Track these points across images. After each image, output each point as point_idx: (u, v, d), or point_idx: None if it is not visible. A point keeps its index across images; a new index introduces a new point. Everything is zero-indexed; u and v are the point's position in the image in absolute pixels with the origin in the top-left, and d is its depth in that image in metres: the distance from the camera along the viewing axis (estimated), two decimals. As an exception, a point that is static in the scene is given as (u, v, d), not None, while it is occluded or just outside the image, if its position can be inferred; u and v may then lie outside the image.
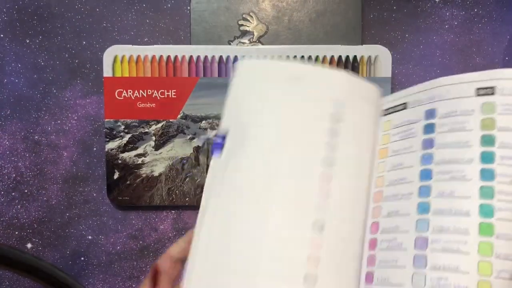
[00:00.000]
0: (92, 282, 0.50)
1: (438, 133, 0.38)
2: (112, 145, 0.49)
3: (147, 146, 0.49)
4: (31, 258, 0.29)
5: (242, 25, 0.51)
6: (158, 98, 0.49)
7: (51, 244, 0.50)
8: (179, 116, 0.49)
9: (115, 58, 0.49)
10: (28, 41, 0.51)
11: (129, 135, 0.49)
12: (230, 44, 0.51)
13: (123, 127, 0.49)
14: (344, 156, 0.37)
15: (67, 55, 0.51)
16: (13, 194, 0.50)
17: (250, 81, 0.37)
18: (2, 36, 0.51)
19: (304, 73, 0.36)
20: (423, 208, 0.37)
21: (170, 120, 0.49)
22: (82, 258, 0.51)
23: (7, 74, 0.50)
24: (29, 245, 0.50)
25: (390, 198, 0.39)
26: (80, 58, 0.51)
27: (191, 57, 0.49)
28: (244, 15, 0.51)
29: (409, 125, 0.39)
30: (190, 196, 0.50)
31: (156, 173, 0.49)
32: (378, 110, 0.41)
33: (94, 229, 0.50)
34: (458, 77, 0.38)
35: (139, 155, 0.49)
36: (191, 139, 0.50)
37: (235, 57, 0.49)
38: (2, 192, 0.50)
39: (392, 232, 0.38)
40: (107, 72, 0.49)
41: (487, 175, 0.35)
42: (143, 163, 0.49)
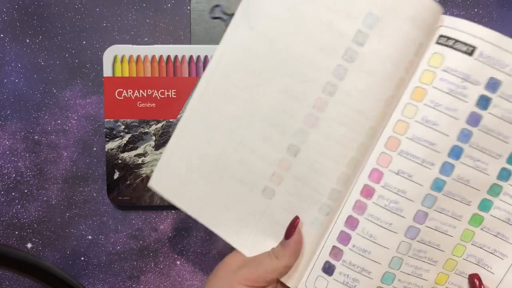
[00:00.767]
0: (92, 282, 0.50)
1: (489, 113, 0.34)
2: (112, 145, 0.49)
3: (147, 146, 0.49)
4: (31, 258, 0.29)
5: (242, 25, 0.51)
6: (158, 98, 0.49)
7: (51, 244, 0.50)
8: (179, 116, 0.49)
9: (115, 58, 0.49)
10: (28, 41, 0.51)
11: (129, 135, 0.49)
12: (230, 44, 0.51)
13: (123, 127, 0.49)
14: (351, 87, 0.34)
15: (67, 55, 0.51)
16: (13, 194, 0.50)
17: None
18: (2, 36, 0.51)
19: None
20: (437, 186, 0.35)
21: (170, 120, 0.49)
22: (82, 258, 0.51)
23: (7, 74, 0.50)
24: (29, 245, 0.50)
25: (408, 156, 0.35)
26: (80, 58, 0.51)
27: (191, 57, 0.49)
28: (244, 15, 0.51)
29: (465, 82, 0.33)
30: (190, 196, 0.50)
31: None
32: (430, 33, 0.35)
33: (94, 229, 0.50)
34: None
35: (139, 155, 0.49)
36: (191, 139, 0.50)
37: (235, 57, 0.49)
38: (2, 192, 0.50)
39: (396, 194, 0.35)
40: (107, 72, 0.49)
41: (504, 175, 0.35)
42: (143, 163, 0.49)
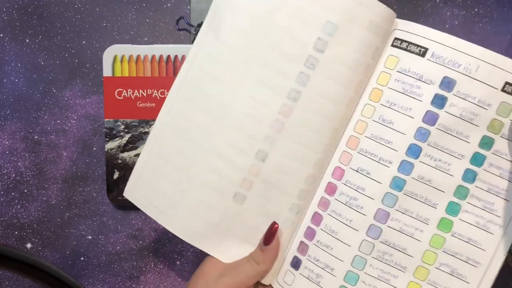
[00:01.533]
0: (92, 282, 0.50)
1: (445, 112, 0.35)
2: (112, 145, 0.49)
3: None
4: (32, 258, 0.29)
5: (242, 25, 0.51)
6: (158, 98, 0.49)
7: (51, 244, 0.50)
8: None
9: (115, 58, 0.49)
10: (28, 41, 0.51)
11: (129, 135, 0.49)
12: (230, 44, 0.51)
13: (123, 127, 0.49)
14: (313, 92, 0.36)
15: (67, 55, 0.51)
16: (13, 194, 0.50)
17: None
18: (2, 36, 0.50)
19: None
20: (397, 184, 0.36)
21: (170, 120, 0.49)
22: (82, 258, 0.50)
23: (7, 74, 0.50)
24: (29, 245, 0.50)
25: (367, 154, 0.36)
26: (80, 58, 0.51)
27: (191, 57, 0.49)
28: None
29: (419, 82, 0.35)
30: (190, 196, 0.50)
31: (156, 173, 0.49)
32: (386, 37, 0.36)
33: (94, 229, 0.50)
34: (498, 59, 0.34)
35: (139, 155, 0.49)
36: (191, 139, 0.50)
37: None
38: (2, 192, 0.50)
39: (356, 190, 0.36)
40: (107, 72, 0.49)
41: (469, 177, 0.35)
42: (143, 163, 0.49)
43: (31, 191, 0.50)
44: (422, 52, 0.35)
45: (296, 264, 0.38)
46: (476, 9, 0.51)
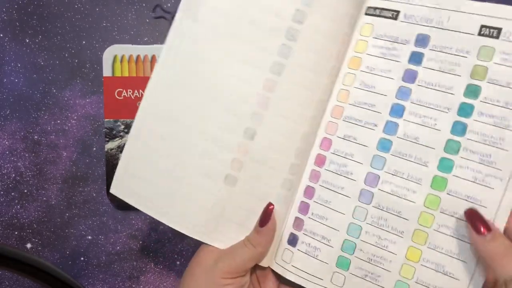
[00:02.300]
0: (92, 282, 0.50)
1: (424, 68, 0.35)
2: (112, 145, 0.49)
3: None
4: (32, 258, 0.29)
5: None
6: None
7: (51, 244, 0.50)
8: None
9: (115, 58, 0.49)
10: (28, 41, 0.51)
11: (129, 135, 0.49)
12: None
13: (123, 127, 0.49)
14: (296, 64, 0.36)
15: (67, 55, 0.51)
16: (13, 194, 0.50)
17: None
18: (2, 36, 0.50)
19: None
20: (384, 146, 0.35)
21: (170, 120, 0.49)
22: (82, 258, 0.50)
23: (7, 74, 0.50)
24: (29, 245, 0.50)
25: (351, 120, 0.37)
26: (80, 58, 0.51)
27: (191, 57, 0.49)
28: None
29: (394, 44, 0.36)
30: (190, 196, 0.50)
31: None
32: (359, 6, 0.38)
33: (94, 229, 0.50)
34: (467, 5, 0.33)
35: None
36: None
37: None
38: (2, 192, 0.50)
39: (345, 157, 0.36)
40: (107, 72, 0.49)
41: (459, 130, 0.33)
42: (143, 163, 0.49)
43: (31, 191, 0.50)
44: (395, 15, 0.36)
45: (293, 241, 0.37)
46: (476, 9, 0.51)
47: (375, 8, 0.37)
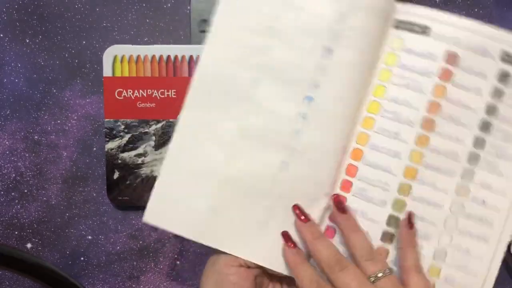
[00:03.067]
0: (92, 282, 0.50)
1: (451, 85, 0.37)
2: (112, 145, 0.49)
3: (147, 146, 0.49)
4: (32, 258, 0.29)
5: (242, 25, 0.51)
6: (158, 98, 0.49)
7: (51, 244, 0.50)
8: (179, 117, 0.49)
9: (115, 58, 0.49)
10: (28, 41, 0.51)
11: (129, 135, 0.49)
12: (230, 44, 0.51)
13: (123, 127, 0.49)
14: (332, 79, 0.37)
15: (67, 55, 0.51)
16: (13, 194, 0.50)
17: None
18: (2, 36, 0.51)
19: None
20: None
21: (170, 120, 0.49)
22: (82, 258, 0.50)
23: (7, 74, 0.50)
24: (29, 245, 0.50)
25: (381, 131, 0.38)
26: (80, 58, 0.51)
27: (191, 57, 0.49)
28: (244, 15, 0.51)
29: (426, 59, 0.37)
30: (190, 196, 0.50)
31: (156, 173, 0.49)
32: (387, 20, 0.38)
33: (94, 229, 0.50)
34: (491, 31, 0.37)
35: (139, 155, 0.49)
36: (191, 139, 0.50)
37: (235, 57, 0.49)
38: (2, 192, 0.50)
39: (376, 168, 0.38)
40: (107, 72, 0.49)
41: (479, 144, 0.37)
42: (143, 163, 0.49)
43: (31, 191, 0.50)
44: (425, 31, 0.38)
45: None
46: (476, 9, 0.51)
47: (406, 22, 0.38)
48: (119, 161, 0.49)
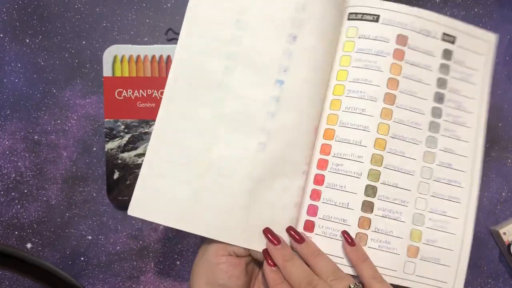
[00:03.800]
0: (92, 282, 0.50)
1: (405, 62, 0.41)
2: (112, 145, 0.49)
3: (147, 146, 0.49)
4: (32, 258, 0.29)
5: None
6: (158, 98, 0.49)
7: (51, 244, 0.50)
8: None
9: (115, 58, 0.49)
10: (28, 41, 0.51)
11: (129, 135, 0.49)
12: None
13: (123, 127, 0.49)
14: (298, 63, 0.40)
15: (67, 55, 0.51)
16: (13, 194, 0.50)
17: None
18: (2, 36, 0.50)
19: None
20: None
21: (170, 120, 0.49)
22: (82, 258, 0.50)
23: (7, 74, 0.50)
24: (29, 245, 0.50)
25: (348, 109, 0.41)
26: (80, 58, 0.51)
27: (191, 57, 0.49)
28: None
29: (380, 42, 0.41)
30: (190, 196, 0.50)
31: (156, 173, 0.49)
32: (342, 11, 0.42)
33: (94, 229, 0.50)
34: (431, 15, 0.42)
35: (139, 155, 0.49)
36: (191, 139, 0.50)
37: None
38: (2, 192, 0.50)
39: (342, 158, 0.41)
40: (107, 72, 0.49)
41: (436, 113, 0.42)
42: (143, 163, 0.49)
43: (31, 191, 0.50)
44: (376, 18, 0.42)
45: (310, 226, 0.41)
46: (476, 9, 0.51)
47: (357, 13, 0.43)
48: (119, 161, 0.49)
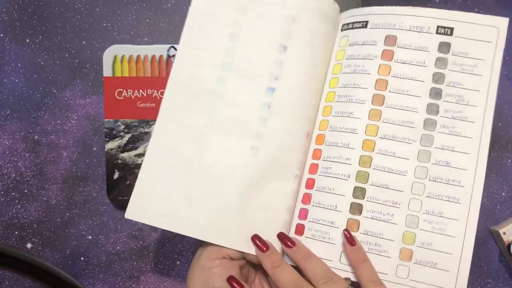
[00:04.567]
0: (92, 282, 0.50)
1: (395, 62, 0.41)
2: (112, 145, 0.49)
3: (147, 146, 0.49)
4: (32, 258, 0.29)
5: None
6: (158, 98, 0.49)
7: (51, 244, 0.50)
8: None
9: (115, 58, 0.49)
10: (28, 41, 0.51)
11: (129, 135, 0.49)
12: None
13: (123, 127, 0.49)
14: (289, 71, 0.41)
15: (67, 55, 0.51)
16: (13, 194, 0.50)
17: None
18: (2, 36, 0.50)
19: None
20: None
21: (170, 120, 0.49)
22: (82, 258, 0.50)
23: (7, 74, 0.50)
24: (29, 245, 0.50)
25: (337, 114, 0.41)
26: (80, 58, 0.51)
27: (191, 57, 0.49)
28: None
29: (368, 46, 0.41)
30: (190, 196, 0.50)
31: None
32: (335, 24, 0.43)
33: (94, 229, 0.50)
34: (422, 11, 0.41)
35: (139, 155, 0.49)
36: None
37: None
38: (2, 192, 0.50)
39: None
40: (107, 72, 0.49)
41: (432, 110, 0.40)
42: (143, 163, 0.49)
43: (31, 191, 0.50)
44: (365, 25, 0.42)
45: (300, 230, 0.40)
46: (476, 9, 0.51)
47: (348, 23, 0.43)
48: (119, 161, 0.49)
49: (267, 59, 0.41)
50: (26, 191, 0.50)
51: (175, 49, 0.49)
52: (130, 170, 0.49)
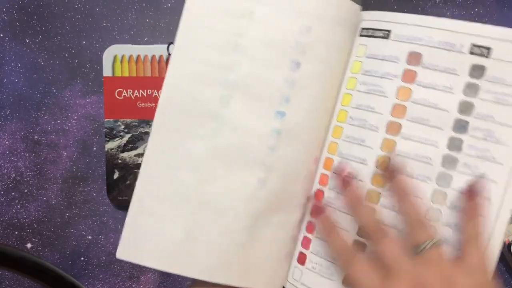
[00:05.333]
0: (92, 282, 0.50)
1: (417, 85, 0.35)
2: (112, 145, 0.49)
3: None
4: (32, 258, 0.29)
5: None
6: (158, 98, 0.49)
7: (51, 244, 0.50)
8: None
9: (115, 58, 0.49)
10: (28, 41, 0.51)
11: (129, 135, 0.49)
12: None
13: (123, 127, 0.49)
14: (302, 93, 0.36)
15: (67, 55, 0.51)
16: (13, 194, 0.50)
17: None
18: (2, 36, 0.50)
19: None
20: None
21: (170, 120, 0.49)
22: (82, 258, 0.50)
23: (7, 74, 0.50)
24: (29, 245, 0.50)
25: (348, 139, 0.37)
26: (80, 58, 0.51)
27: (191, 57, 0.49)
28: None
29: (388, 62, 0.36)
30: (190, 196, 0.50)
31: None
32: (354, 29, 0.38)
33: (94, 229, 0.50)
34: (455, 24, 0.35)
35: (139, 155, 0.49)
36: (191, 139, 0.50)
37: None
38: (2, 192, 0.50)
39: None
40: (107, 72, 0.49)
41: (454, 146, 0.34)
42: (143, 163, 0.49)
43: (31, 191, 0.50)
44: (386, 35, 0.37)
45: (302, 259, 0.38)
46: (476, 9, 0.51)
47: (368, 29, 0.38)
48: (119, 161, 0.49)
49: (278, 77, 0.35)
50: (26, 191, 0.50)
51: None
52: (130, 170, 0.49)
